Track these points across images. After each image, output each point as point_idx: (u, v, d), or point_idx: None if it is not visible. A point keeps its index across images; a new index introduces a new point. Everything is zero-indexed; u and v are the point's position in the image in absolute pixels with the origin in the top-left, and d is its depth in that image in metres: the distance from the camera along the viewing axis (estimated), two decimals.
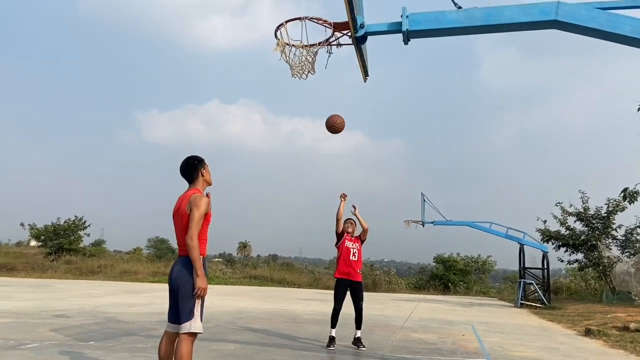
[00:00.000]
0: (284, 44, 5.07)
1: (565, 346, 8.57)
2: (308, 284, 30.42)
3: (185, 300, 3.80)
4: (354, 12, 4.71)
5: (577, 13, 4.38)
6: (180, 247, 3.97)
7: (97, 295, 16.31)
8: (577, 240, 21.70)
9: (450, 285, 31.38)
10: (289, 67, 5.09)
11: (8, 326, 8.17)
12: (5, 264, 32.30)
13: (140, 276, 30.02)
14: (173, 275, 3.91)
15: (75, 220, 35.06)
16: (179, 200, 4.04)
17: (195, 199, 3.88)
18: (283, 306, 14.51)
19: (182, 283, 3.82)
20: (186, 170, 4.12)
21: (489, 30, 4.82)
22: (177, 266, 3.91)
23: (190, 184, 4.12)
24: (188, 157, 4.16)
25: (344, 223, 7.62)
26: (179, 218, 3.96)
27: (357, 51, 5.27)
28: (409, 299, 22.34)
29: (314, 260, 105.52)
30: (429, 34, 4.95)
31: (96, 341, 7.02)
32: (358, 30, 4.94)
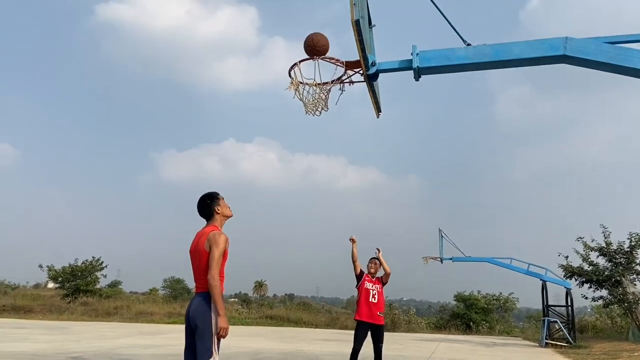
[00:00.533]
0: (298, 83, 5.19)
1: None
2: (325, 323, 29.93)
3: (203, 338, 3.76)
4: (365, 51, 4.82)
5: (586, 47, 4.43)
6: (198, 284, 3.96)
7: (113, 337, 16.23)
8: (601, 275, 21.14)
9: (472, 324, 30.61)
10: (302, 104, 5.19)
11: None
12: (23, 306, 32.41)
13: (156, 317, 29.88)
14: (190, 313, 3.88)
15: (93, 260, 35.26)
16: (197, 236, 4.05)
17: (214, 237, 3.89)
18: (301, 347, 14.27)
19: (199, 321, 3.79)
20: (201, 211, 4.16)
21: (498, 66, 4.88)
22: (194, 304, 3.89)
23: (207, 221, 4.15)
24: (202, 196, 4.19)
25: (368, 262, 7.56)
26: (197, 255, 3.96)
27: (369, 88, 5.36)
28: (430, 339, 21.82)
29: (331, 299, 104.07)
30: (440, 70, 5.03)
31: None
32: (370, 68, 5.05)
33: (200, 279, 3.92)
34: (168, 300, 40.92)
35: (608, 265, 21.39)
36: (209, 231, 3.97)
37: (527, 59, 4.69)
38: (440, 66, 4.91)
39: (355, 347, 7.23)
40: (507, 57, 4.69)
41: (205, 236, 3.95)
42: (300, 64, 5.22)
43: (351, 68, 5.20)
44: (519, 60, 4.73)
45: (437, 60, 4.90)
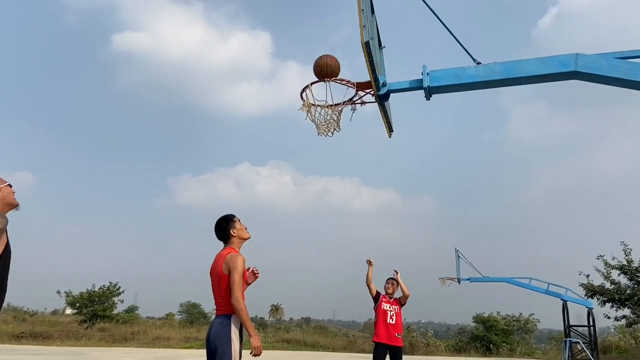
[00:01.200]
0: (310, 105, 5.25)
1: None
2: (342, 347, 29.59)
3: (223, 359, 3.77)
4: (375, 72, 4.88)
5: (596, 63, 4.43)
6: (218, 306, 3.98)
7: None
8: (623, 294, 20.70)
9: (492, 346, 29.99)
10: (315, 126, 5.25)
11: None
12: (41, 332, 32.59)
13: (173, 342, 29.80)
14: (210, 335, 3.89)
15: (110, 286, 35.44)
16: (216, 259, 4.10)
17: (232, 259, 3.92)
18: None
19: (219, 344, 3.80)
20: (218, 234, 4.21)
21: (509, 84, 4.90)
22: (215, 326, 3.90)
23: (224, 244, 4.19)
24: (218, 219, 4.24)
25: (385, 283, 7.51)
26: (215, 277, 4.00)
27: (380, 108, 5.40)
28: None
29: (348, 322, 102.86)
30: (450, 89, 5.06)
31: None
32: (380, 89, 5.09)
33: (220, 302, 3.94)
34: (184, 325, 40.80)
35: (630, 283, 20.97)
36: (226, 254, 4.01)
37: (538, 76, 4.70)
38: (450, 85, 4.94)
39: None
40: (517, 74, 4.70)
41: (222, 259, 3.98)
42: (312, 86, 5.29)
43: (362, 89, 5.26)
44: (529, 78, 4.74)
45: (447, 79, 4.93)
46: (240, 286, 3.86)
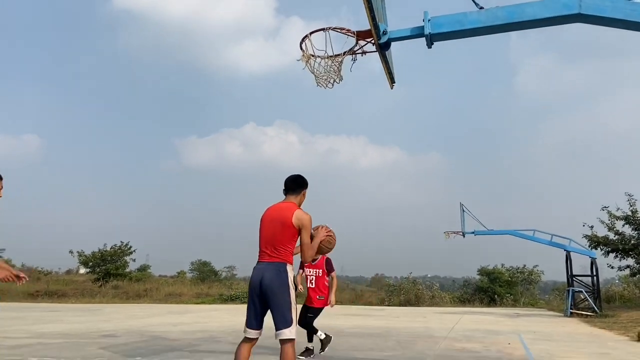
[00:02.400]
0: (309, 56, 5.20)
1: (617, 351, 8.25)
2: (350, 300, 30.23)
3: (283, 309, 3.88)
4: (375, 19, 4.80)
5: (601, 5, 4.33)
6: (271, 253, 4.01)
7: (143, 316, 16.69)
8: (627, 244, 20.87)
9: (496, 297, 30.53)
10: (314, 77, 5.21)
11: (59, 345, 8.49)
12: (56, 290, 33.45)
13: (185, 298, 30.56)
14: (266, 281, 3.91)
15: (121, 245, 36.08)
16: (276, 208, 4.14)
17: (304, 217, 4.02)
18: (326, 322, 14.47)
19: (277, 288, 3.89)
20: (295, 182, 4.26)
21: (512, 29, 4.82)
22: (271, 272, 3.92)
23: (289, 195, 4.24)
24: (299, 174, 4.33)
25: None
26: (278, 225, 4.02)
27: (381, 58, 5.35)
28: (453, 311, 21.90)
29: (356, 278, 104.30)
30: (452, 35, 4.98)
31: (142, 357, 7.20)
32: (381, 37, 5.03)
33: (279, 249, 3.99)
34: (196, 282, 41.68)
35: (634, 233, 21.10)
36: (294, 207, 4.08)
37: (541, 20, 4.61)
38: (452, 32, 4.87)
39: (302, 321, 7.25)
40: (520, 18, 4.62)
41: (291, 211, 4.03)
42: (311, 35, 5.23)
43: (363, 38, 5.19)
44: (533, 22, 4.66)
45: (449, 26, 4.86)
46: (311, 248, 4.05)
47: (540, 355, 7.59)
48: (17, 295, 32.31)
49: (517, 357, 7.49)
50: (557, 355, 7.69)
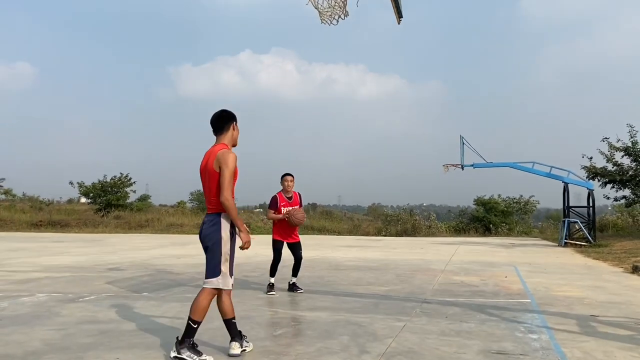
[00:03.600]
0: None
1: (611, 284, 8.47)
2: (348, 230, 30.80)
3: (213, 257, 3.89)
4: None
5: None
6: (209, 204, 3.98)
7: (147, 248, 17.01)
8: (625, 175, 20.95)
9: (491, 226, 31.12)
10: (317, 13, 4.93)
11: (67, 280, 8.67)
12: (59, 220, 33.95)
13: (186, 228, 31.07)
14: (203, 233, 3.95)
15: (121, 177, 36.23)
16: (206, 156, 3.99)
17: (223, 156, 3.82)
18: (325, 254, 14.79)
19: (210, 241, 3.88)
20: (219, 120, 4.03)
21: None
22: (205, 225, 3.94)
23: (218, 135, 4.04)
24: (222, 109, 4.08)
25: (283, 181, 7.40)
26: (206, 175, 3.93)
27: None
28: (449, 242, 22.37)
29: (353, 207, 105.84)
30: None
31: (149, 292, 7.38)
32: None
33: (211, 200, 3.92)
34: (196, 212, 42.23)
35: (633, 165, 21.13)
36: (218, 150, 3.89)
37: None
38: None
39: (276, 258, 7.36)
40: None
41: (214, 155, 3.88)
42: None
43: None
44: None
45: None
46: (231, 184, 3.83)
47: (536, 289, 7.79)
48: (21, 225, 32.84)
49: (514, 291, 7.68)
50: (553, 288, 7.89)
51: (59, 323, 5.23)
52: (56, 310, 5.90)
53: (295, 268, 7.50)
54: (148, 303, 6.42)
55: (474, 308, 6.18)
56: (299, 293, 7.32)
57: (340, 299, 6.84)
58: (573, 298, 6.99)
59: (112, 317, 5.57)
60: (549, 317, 5.62)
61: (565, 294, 7.32)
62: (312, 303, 6.53)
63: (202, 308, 3.88)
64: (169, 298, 6.87)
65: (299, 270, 7.53)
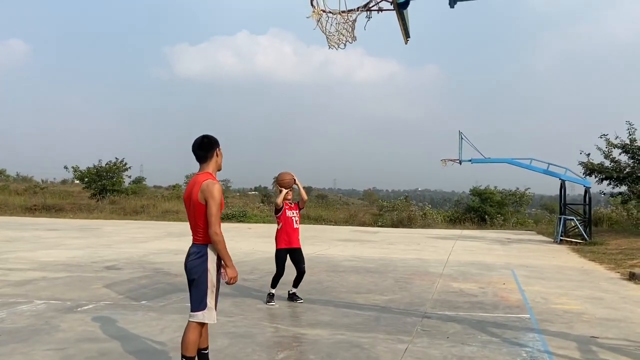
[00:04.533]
0: (320, 12, 4.78)
1: (609, 295, 8.51)
2: (344, 220, 30.82)
3: (199, 290, 3.81)
4: None
5: None
6: (194, 234, 3.89)
7: (143, 240, 16.96)
8: (622, 172, 21.05)
9: (486, 217, 31.22)
10: (325, 37, 4.81)
11: (64, 282, 8.62)
12: (53, 205, 33.81)
13: (182, 215, 30.96)
14: (188, 265, 3.86)
15: (117, 162, 36.02)
16: (190, 185, 3.91)
17: (208, 188, 3.73)
18: (322, 250, 14.80)
19: (195, 273, 3.81)
20: (200, 148, 3.92)
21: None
22: (191, 257, 3.86)
23: (202, 164, 3.94)
24: (203, 135, 3.97)
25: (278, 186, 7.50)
26: (191, 205, 3.84)
27: (398, 16, 4.93)
28: (446, 236, 22.45)
29: (348, 191, 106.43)
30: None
31: (148, 300, 7.34)
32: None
33: (197, 230, 3.84)
34: None
35: (630, 162, 21.21)
36: (203, 180, 3.79)
37: None
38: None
39: (279, 271, 7.25)
40: None
41: (198, 186, 3.77)
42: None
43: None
44: None
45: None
46: (219, 218, 3.75)
47: (535, 300, 7.82)
48: (16, 209, 32.72)
49: (513, 302, 7.71)
50: (552, 300, 7.92)
51: (58, 340, 5.20)
52: (55, 323, 5.86)
53: (297, 280, 7.46)
54: (148, 315, 6.39)
55: (475, 325, 6.18)
56: (299, 303, 7.31)
57: (340, 312, 6.83)
58: (572, 313, 7.01)
59: (113, 333, 5.53)
60: (549, 339, 5.64)
61: (564, 308, 7.34)
62: (313, 317, 6.52)
63: (192, 343, 3.82)
64: (169, 308, 6.84)
65: (300, 281, 7.50)
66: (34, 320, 5.99)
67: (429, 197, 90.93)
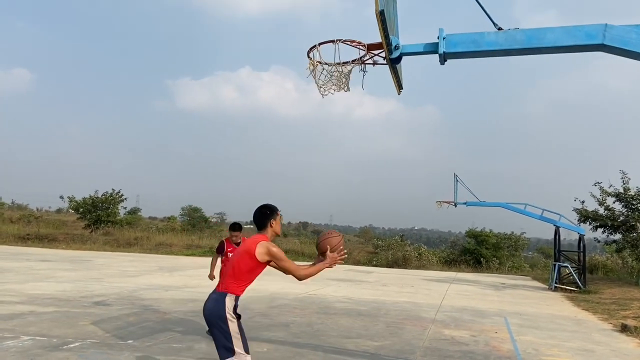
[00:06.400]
0: (316, 63, 4.94)
1: (600, 347, 8.45)
2: None
3: (221, 338, 3.83)
4: (388, 35, 4.53)
5: (626, 37, 4.10)
6: (223, 281, 3.96)
7: (134, 274, 16.83)
8: (616, 221, 21.17)
9: (482, 260, 31.14)
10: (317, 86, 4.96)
11: (52, 318, 8.53)
12: (47, 235, 33.65)
13: (175, 249, 30.87)
14: (205, 312, 3.91)
15: (113, 193, 36.03)
16: (248, 241, 4.04)
17: (272, 249, 3.90)
18: (314, 289, 14.69)
19: (215, 321, 3.84)
20: (257, 219, 4.10)
21: (530, 53, 4.57)
22: (210, 303, 3.90)
23: (260, 230, 4.09)
24: (262, 205, 4.14)
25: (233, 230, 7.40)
26: (242, 256, 3.94)
27: (391, 70, 5.10)
28: (440, 278, 22.33)
29: (344, 227, 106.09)
30: (467, 55, 4.73)
31: (134, 339, 7.26)
32: (393, 52, 4.77)
33: (231, 280, 3.90)
34: (186, 228, 42.00)
35: (624, 210, 21.34)
36: (262, 239, 3.96)
37: (562, 47, 4.37)
38: (467, 52, 4.60)
39: None
40: (540, 44, 4.36)
41: (255, 244, 3.92)
42: (319, 46, 4.95)
43: (373, 50, 4.93)
44: (552, 48, 4.41)
45: (464, 46, 4.59)
46: (293, 264, 3.99)
47: (526, 351, 7.76)
48: (8, 238, 32.50)
49: (504, 353, 7.64)
50: (543, 351, 7.86)
51: None
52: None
53: None
54: (133, 356, 6.32)
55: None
56: None
57: (329, 357, 6.76)
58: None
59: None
60: None
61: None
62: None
63: None
64: (155, 349, 6.76)
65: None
66: (19, 358, 5.92)
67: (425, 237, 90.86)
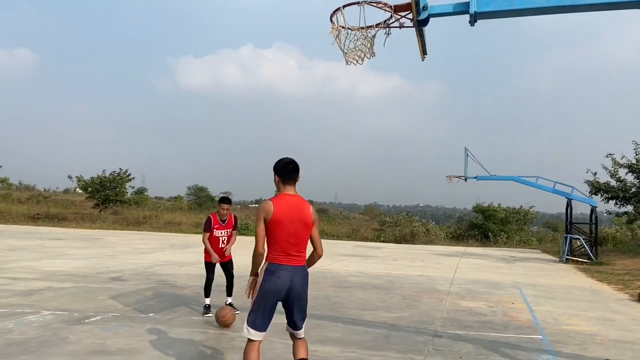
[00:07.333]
0: (339, 28, 4.78)
1: (620, 317, 8.41)
2: (347, 235, 30.75)
3: (304, 307, 3.97)
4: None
5: None
6: (299, 254, 3.83)
7: (147, 251, 16.89)
8: (628, 192, 20.99)
9: (490, 234, 31.10)
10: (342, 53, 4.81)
11: (70, 293, 8.55)
12: (56, 214, 33.79)
13: (184, 227, 30.95)
14: (297, 287, 3.81)
15: (120, 172, 36.07)
16: (295, 204, 3.82)
17: (315, 213, 3.94)
18: (327, 265, 14.70)
19: (305, 292, 3.92)
20: (297, 168, 3.94)
21: (565, 11, 4.39)
22: (300, 279, 3.84)
23: (291, 185, 3.92)
24: (292, 159, 3.96)
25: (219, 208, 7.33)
26: (301, 224, 3.78)
27: (417, 33, 4.94)
28: (450, 252, 22.33)
29: (349, 205, 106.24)
30: (499, 15, 4.56)
31: (155, 312, 7.26)
32: (421, 13, 4.60)
33: (301, 251, 3.84)
34: (193, 207, 42.10)
35: (636, 181, 21.16)
36: (308, 204, 3.92)
37: (598, 4, 4.20)
38: (499, 11, 4.44)
39: (209, 277, 7.29)
40: (576, 1, 4.21)
41: (308, 207, 3.87)
42: (344, 9, 4.78)
43: (400, 11, 4.76)
44: (590, 5, 4.24)
45: (497, 4, 4.42)
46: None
47: (546, 321, 7.72)
48: (19, 218, 32.67)
49: (524, 322, 7.61)
50: (563, 321, 7.82)
51: (68, 353, 5.13)
52: (64, 335, 5.79)
53: (229, 287, 7.40)
54: (156, 328, 6.32)
55: (487, 345, 6.10)
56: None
57: (349, 329, 6.74)
58: (585, 335, 6.92)
59: (122, 345, 5.46)
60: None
61: (575, 329, 7.25)
62: (322, 333, 6.43)
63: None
64: (176, 322, 6.76)
65: (232, 288, 7.41)
66: (42, 332, 5.93)
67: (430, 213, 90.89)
